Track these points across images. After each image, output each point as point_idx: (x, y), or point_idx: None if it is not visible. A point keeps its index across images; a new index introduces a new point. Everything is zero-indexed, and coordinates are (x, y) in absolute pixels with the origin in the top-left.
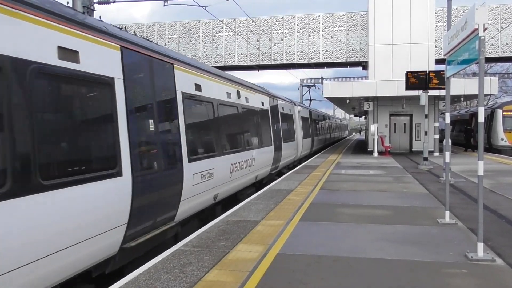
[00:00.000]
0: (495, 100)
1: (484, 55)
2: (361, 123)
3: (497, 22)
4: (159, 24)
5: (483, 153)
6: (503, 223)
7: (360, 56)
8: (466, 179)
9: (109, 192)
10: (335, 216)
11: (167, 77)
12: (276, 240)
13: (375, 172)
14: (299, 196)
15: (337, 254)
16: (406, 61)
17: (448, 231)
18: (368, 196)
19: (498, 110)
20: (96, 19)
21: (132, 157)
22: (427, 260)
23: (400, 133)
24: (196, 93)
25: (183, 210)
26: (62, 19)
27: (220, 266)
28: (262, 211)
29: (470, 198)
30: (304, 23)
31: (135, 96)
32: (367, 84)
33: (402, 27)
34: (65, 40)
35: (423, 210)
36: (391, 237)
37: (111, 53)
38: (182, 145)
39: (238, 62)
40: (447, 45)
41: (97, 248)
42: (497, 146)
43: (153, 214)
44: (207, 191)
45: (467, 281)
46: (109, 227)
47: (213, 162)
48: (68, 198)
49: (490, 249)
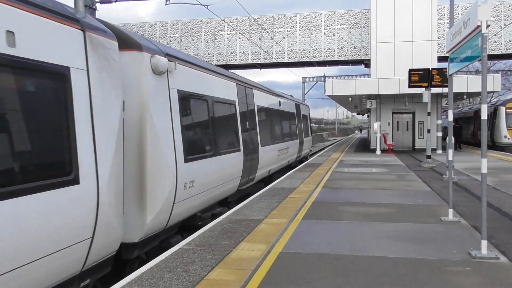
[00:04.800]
0: (498, 97)
1: (487, 52)
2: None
3: (500, 19)
4: (161, 23)
5: (486, 150)
6: (507, 220)
7: (362, 54)
8: (469, 177)
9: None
10: (338, 214)
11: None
12: (279, 238)
13: (378, 170)
14: (302, 194)
15: (340, 252)
16: (409, 59)
17: (452, 229)
18: (371, 194)
19: (501, 107)
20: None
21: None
22: (430, 258)
23: (403, 131)
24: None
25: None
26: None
27: (223, 265)
28: (264, 209)
29: (473, 195)
30: (306, 21)
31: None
32: (369, 82)
33: (405, 25)
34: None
35: (426, 208)
36: (394, 235)
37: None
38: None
39: (241, 61)
40: (449, 43)
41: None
42: (500, 143)
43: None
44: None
45: (471, 279)
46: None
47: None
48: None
49: (493, 247)
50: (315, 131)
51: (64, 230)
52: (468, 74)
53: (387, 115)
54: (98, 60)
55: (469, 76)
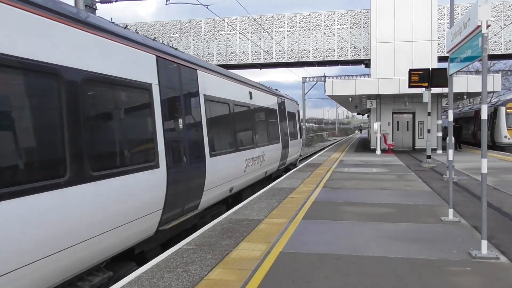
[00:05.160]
0: (498, 98)
1: (487, 52)
2: (363, 121)
3: (500, 19)
4: (162, 23)
5: (486, 150)
6: (507, 220)
7: (362, 54)
8: (469, 177)
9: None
10: (338, 214)
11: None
12: (279, 238)
13: (378, 170)
14: (302, 194)
15: (340, 252)
16: (409, 59)
17: (452, 229)
18: (371, 194)
19: (501, 107)
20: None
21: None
22: (430, 258)
23: (403, 131)
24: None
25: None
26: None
27: (223, 265)
28: (265, 209)
29: (473, 195)
30: (306, 21)
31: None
32: (369, 82)
33: (405, 25)
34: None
35: (426, 208)
36: (394, 235)
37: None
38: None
39: (241, 61)
40: (449, 43)
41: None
42: (500, 143)
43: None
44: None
45: (471, 279)
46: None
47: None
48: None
49: (494, 247)
50: (315, 131)
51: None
52: (468, 74)
53: (387, 115)
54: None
55: (469, 76)
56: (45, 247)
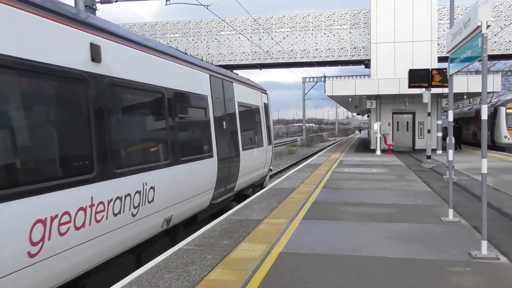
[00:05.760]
0: (498, 98)
1: (487, 53)
2: (363, 121)
3: (500, 19)
4: (162, 23)
5: (486, 150)
6: (507, 221)
7: (362, 54)
8: (470, 177)
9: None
10: (338, 215)
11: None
12: (279, 238)
13: (378, 170)
14: (302, 194)
15: (340, 253)
16: (409, 59)
17: (452, 229)
18: (371, 194)
19: (501, 107)
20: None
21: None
22: (430, 259)
23: (403, 131)
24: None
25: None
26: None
27: (223, 265)
28: (265, 210)
29: (473, 196)
30: (306, 21)
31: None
32: (369, 82)
33: (405, 25)
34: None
35: (426, 208)
36: (394, 235)
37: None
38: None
39: (241, 61)
40: (449, 43)
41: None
42: (501, 143)
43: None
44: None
45: (471, 279)
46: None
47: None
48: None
49: (494, 247)
50: (315, 132)
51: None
52: (468, 74)
53: (387, 115)
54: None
55: (469, 76)
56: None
